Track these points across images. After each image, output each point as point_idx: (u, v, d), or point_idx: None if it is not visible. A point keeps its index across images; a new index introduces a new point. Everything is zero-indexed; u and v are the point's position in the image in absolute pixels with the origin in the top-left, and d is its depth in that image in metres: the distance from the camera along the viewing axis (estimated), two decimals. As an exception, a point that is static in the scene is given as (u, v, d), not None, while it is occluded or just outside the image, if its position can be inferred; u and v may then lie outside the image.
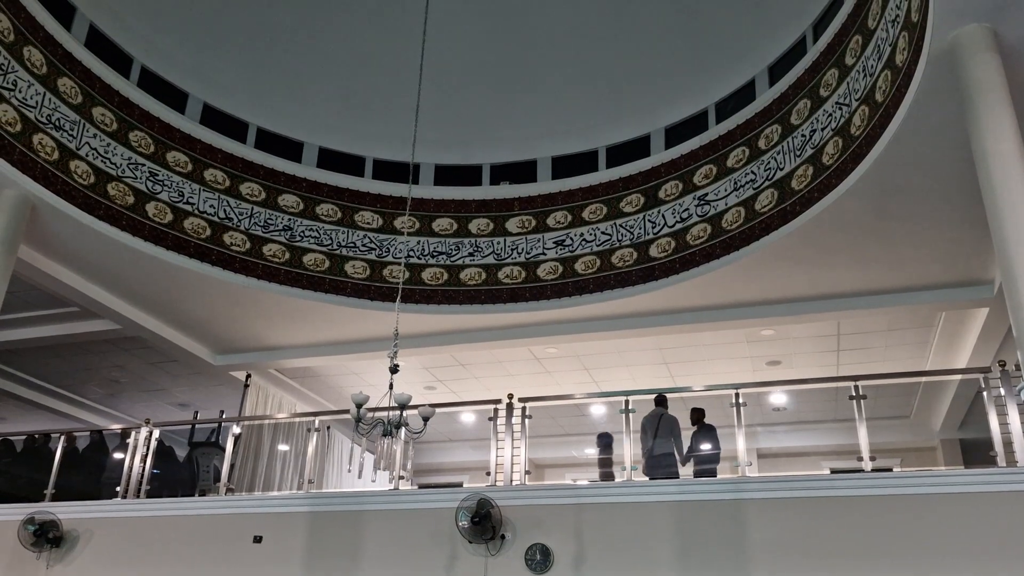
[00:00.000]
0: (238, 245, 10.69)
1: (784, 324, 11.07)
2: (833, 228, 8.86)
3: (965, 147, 6.74)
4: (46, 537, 8.75)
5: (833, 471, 9.94)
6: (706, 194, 10.23)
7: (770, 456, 14.84)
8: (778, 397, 13.24)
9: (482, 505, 7.42)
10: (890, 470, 8.36)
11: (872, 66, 7.94)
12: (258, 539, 8.38)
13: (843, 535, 6.77)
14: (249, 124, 11.53)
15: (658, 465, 8.70)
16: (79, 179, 9.39)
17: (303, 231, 11.14)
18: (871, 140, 7.79)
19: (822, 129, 8.82)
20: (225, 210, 10.74)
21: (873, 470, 7.38)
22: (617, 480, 8.46)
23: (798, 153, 9.16)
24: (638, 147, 11.45)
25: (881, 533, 6.67)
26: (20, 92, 8.92)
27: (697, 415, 9.41)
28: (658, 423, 8.93)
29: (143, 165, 10.15)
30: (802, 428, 14.45)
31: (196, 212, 10.49)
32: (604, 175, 11.33)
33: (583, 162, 11.76)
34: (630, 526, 7.36)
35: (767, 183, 9.52)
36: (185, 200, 10.43)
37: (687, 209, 10.38)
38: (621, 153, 11.54)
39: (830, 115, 8.70)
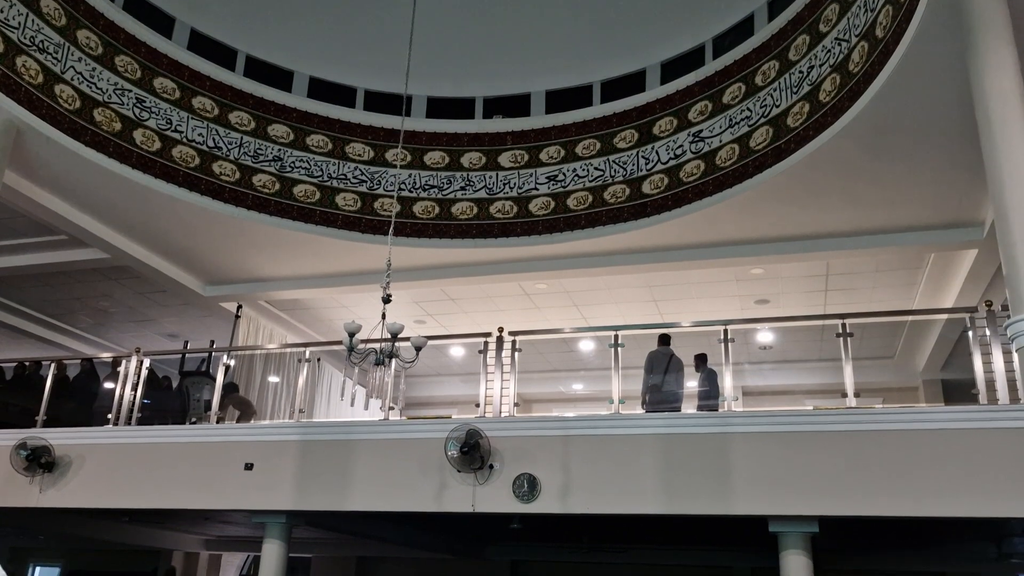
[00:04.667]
0: (228, 175, 10.58)
1: (774, 263, 11.11)
2: (826, 167, 8.84)
3: (963, 86, 6.68)
4: (38, 462, 8.81)
5: (816, 409, 10.12)
6: (701, 131, 10.15)
7: (755, 394, 15.03)
8: (765, 335, 13.35)
9: (471, 436, 7.51)
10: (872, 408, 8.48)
11: (873, 1, 7.81)
12: (249, 466, 8.47)
13: (824, 469, 6.89)
14: (238, 52, 11.31)
15: (665, 400, 8.90)
16: (64, 104, 9.22)
17: (293, 162, 11.03)
18: (869, 77, 7.71)
19: (820, 65, 8.72)
20: (214, 139, 10.59)
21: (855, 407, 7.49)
22: (604, 413, 8.55)
23: (795, 90, 9.08)
24: (633, 82, 11.32)
25: (862, 468, 6.79)
26: (2, 13, 8.69)
27: (700, 359, 9.61)
28: (668, 362, 9.12)
29: (130, 91, 9.97)
30: (787, 367, 14.61)
31: (185, 140, 10.35)
32: (598, 110, 11.21)
33: (577, 97, 11.63)
34: (617, 458, 7.47)
35: (763, 120, 9.44)
36: (173, 128, 10.27)
37: (681, 146, 10.31)
38: (616, 88, 11.41)
39: (829, 51, 8.59)
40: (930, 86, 7.32)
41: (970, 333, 7.54)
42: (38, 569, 16.02)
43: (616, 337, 8.50)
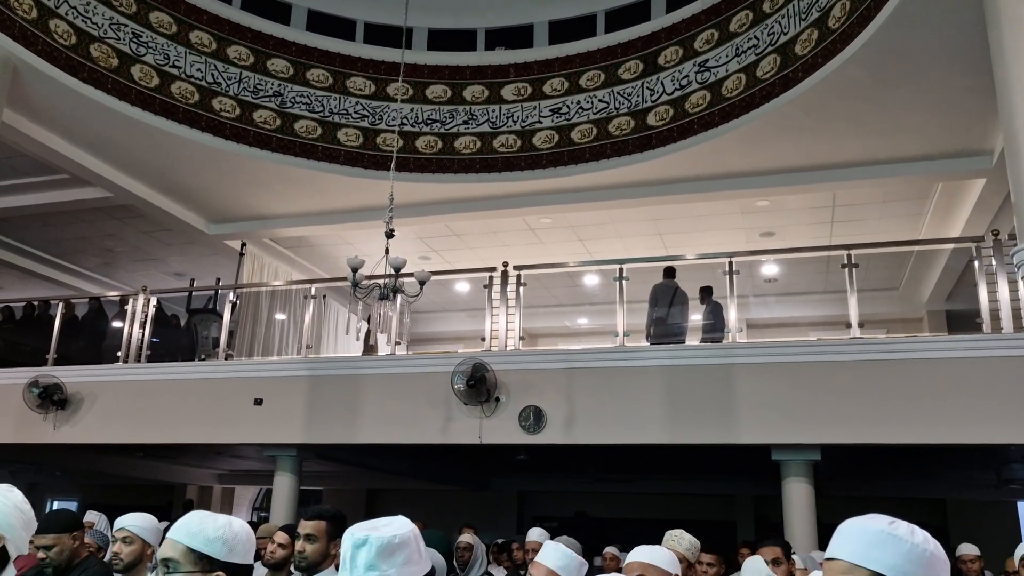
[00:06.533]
0: (228, 111, 10.46)
1: (779, 195, 11.03)
2: (835, 95, 8.69)
3: (976, 10, 6.53)
4: (51, 399, 8.95)
5: (820, 340, 10.16)
6: (707, 60, 9.97)
7: (760, 326, 15.07)
8: (770, 268, 13.33)
9: (477, 369, 7.58)
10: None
11: (885, -78, 7.58)
12: (259, 401, 8.59)
13: (827, 398, 6.97)
14: (234, -17, 11.07)
15: (669, 333, 8.96)
16: (60, 39, 9.08)
17: (294, 97, 10.88)
18: (880, 2, 7.52)
19: (829, -10, 8.51)
20: (213, 74, 10.45)
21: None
22: (609, 346, 8.62)
23: (803, 16, 8.88)
24: (638, 11, 11.07)
25: (865, 397, 6.86)
26: (-8, -55, 8.50)
27: (705, 291, 9.63)
28: (673, 295, 9.15)
29: (126, 26, 9.79)
30: (792, 299, 14.61)
31: (183, 76, 10.20)
32: (602, 40, 10.98)
33: (581, 27, 11.39)
34: (621, 389, 7.55)
35: (770, 48, 9.26)
36: (171, 63, 10.13)
37: (687, 76, 10.14)
38: (620, 17, 11.17)
39: (839, -25, 8.38)
40: (942, 10, 7.14)
41: (976, 263, 7.53)
42: (55, 503, 16.41)
43: (621, 270, 8.52)
